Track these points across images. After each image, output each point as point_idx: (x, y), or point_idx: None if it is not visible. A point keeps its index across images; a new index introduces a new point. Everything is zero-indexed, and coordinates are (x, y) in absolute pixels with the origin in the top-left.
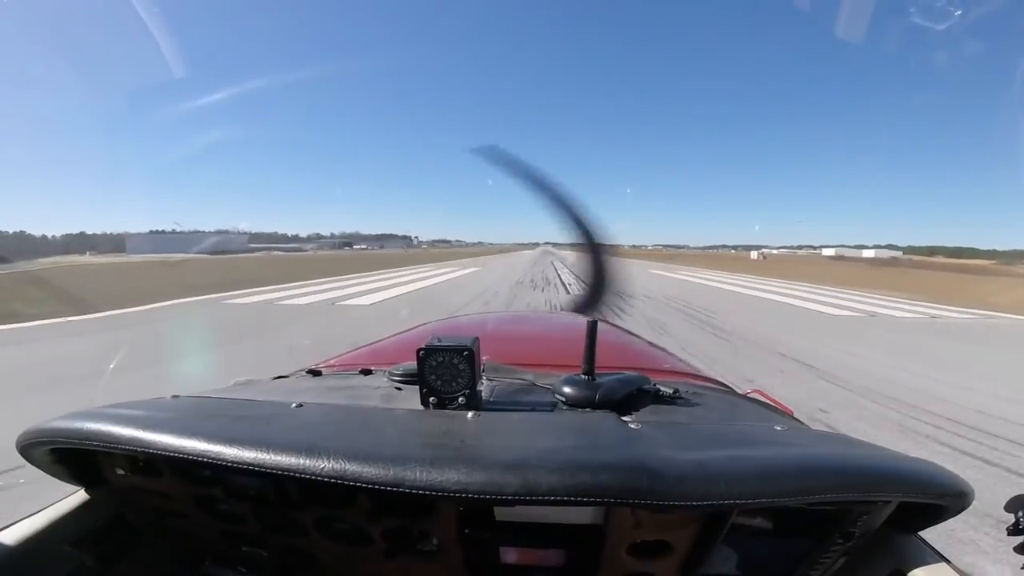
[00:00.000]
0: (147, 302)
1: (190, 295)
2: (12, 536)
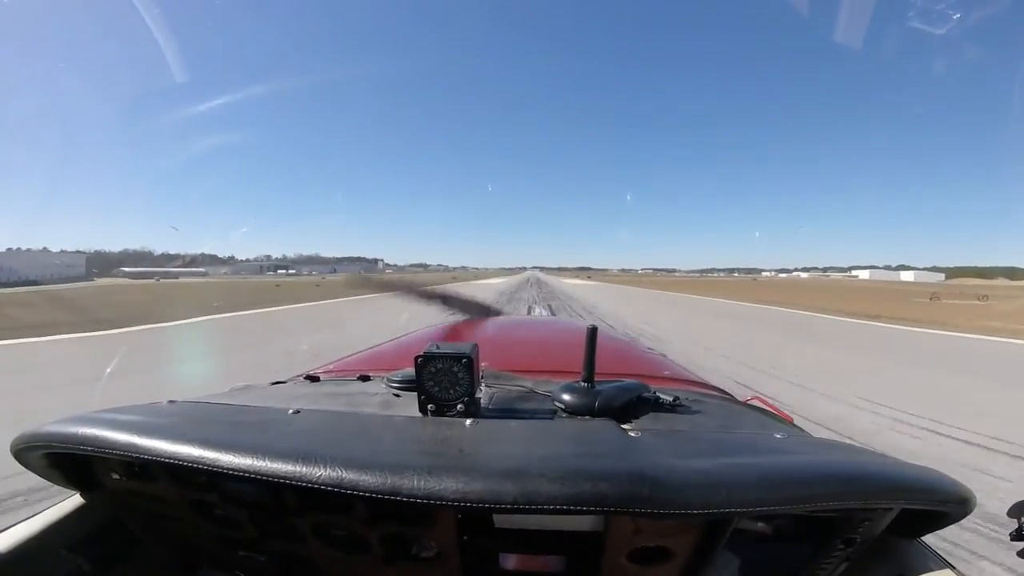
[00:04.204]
0: None
1: None
2: (8, 540)
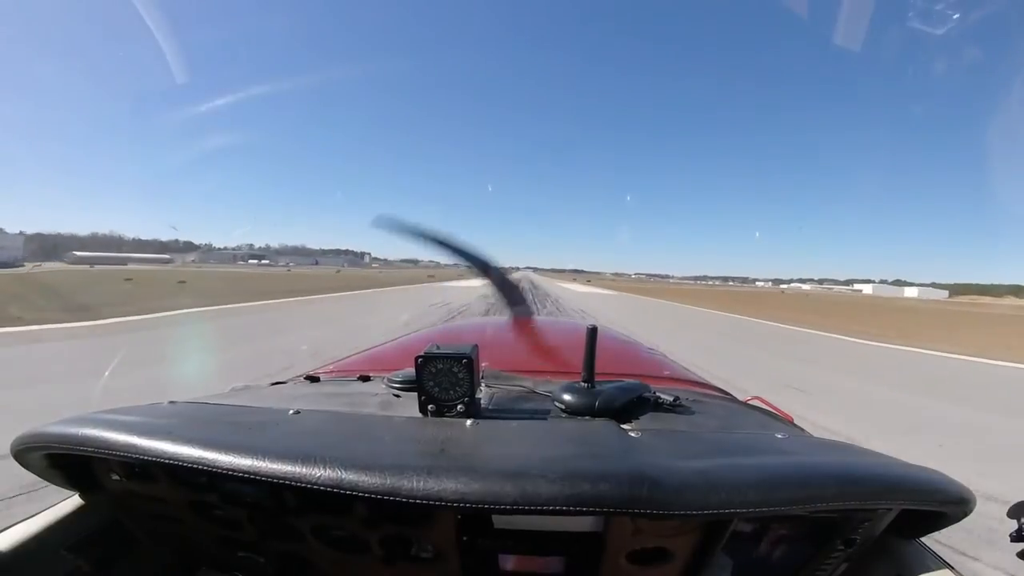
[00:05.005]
0: None
1: None
2: (8, 540)
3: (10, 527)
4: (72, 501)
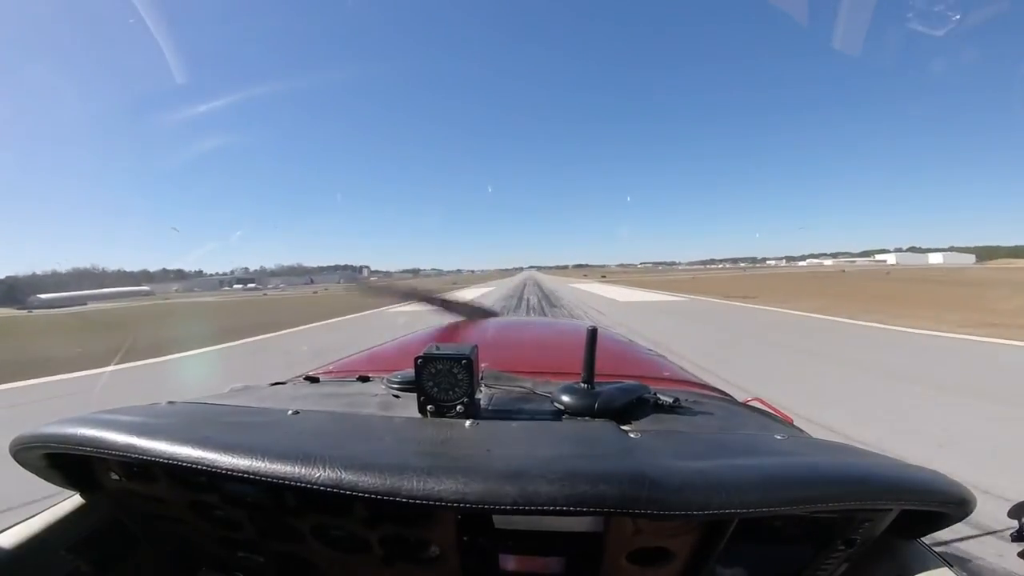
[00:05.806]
0: None
1: None
2: (8, 540)
3: (10, 527)
4: (72, 501)
